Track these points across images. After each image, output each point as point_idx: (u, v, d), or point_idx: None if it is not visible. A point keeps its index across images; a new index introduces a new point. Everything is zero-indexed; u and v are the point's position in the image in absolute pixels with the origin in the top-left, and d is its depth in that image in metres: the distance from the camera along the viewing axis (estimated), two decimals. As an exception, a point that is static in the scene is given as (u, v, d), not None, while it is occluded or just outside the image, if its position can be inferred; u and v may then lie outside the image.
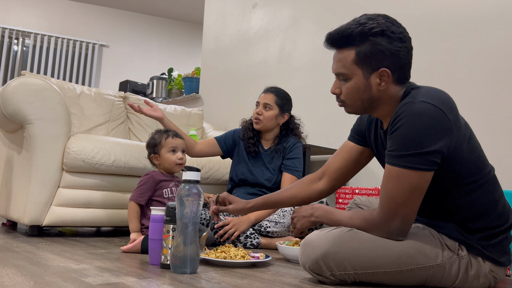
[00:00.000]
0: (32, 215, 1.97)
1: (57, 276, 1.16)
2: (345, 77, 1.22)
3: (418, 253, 1.17)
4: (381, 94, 1.21)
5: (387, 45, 1.16)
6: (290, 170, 2.19)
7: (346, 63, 1.20)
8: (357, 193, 2.22)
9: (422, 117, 1.10)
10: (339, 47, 1.23)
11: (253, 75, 3.59)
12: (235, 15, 3.89)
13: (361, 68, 1.19)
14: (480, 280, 1.20)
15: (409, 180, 1.12)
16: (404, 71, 1.20)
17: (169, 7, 6.53)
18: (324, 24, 3.06)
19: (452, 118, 1.13)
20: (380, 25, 1.18)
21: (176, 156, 1.86)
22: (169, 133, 1.90)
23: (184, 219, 1.28)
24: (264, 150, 2.27)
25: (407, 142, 1.11)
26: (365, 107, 1.24)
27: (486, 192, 1.21)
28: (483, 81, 2.20)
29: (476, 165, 1.21)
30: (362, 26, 1.18)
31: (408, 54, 1.20)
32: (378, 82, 1.19)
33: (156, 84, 4.81)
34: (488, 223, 1.20)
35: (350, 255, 1.16)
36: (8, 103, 1.97)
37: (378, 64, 1.18)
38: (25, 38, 6.08)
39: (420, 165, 1.11)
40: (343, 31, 1.20)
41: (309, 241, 1.21)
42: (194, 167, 1.34)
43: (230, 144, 2.30)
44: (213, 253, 1.51)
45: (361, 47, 1.18)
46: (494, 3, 2.20)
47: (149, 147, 1.92)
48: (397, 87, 1.22)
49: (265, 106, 2.19)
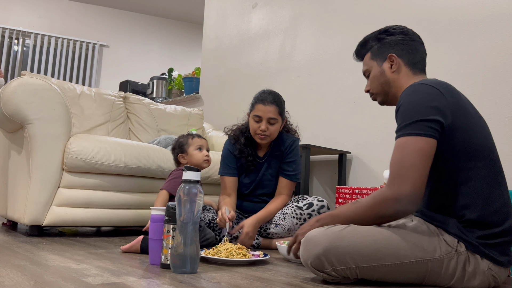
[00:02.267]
0: (32, 215, 1.97)
1: (57, 276, 1.16)
2: (368, 73, 1.48)
3: (416, 246, 1.19)
4: (395, 77, 1.41)
5: (391, 37, 1.42)
6: (288, 175, 2.10)
7: (366, 62, 1.48)
8: (357, 193, 2.22)
9: (419, 92, 1.25)
10: (362, 55, 1.51)
11: (253, 75, 3.59)
12: (235, 15, 3.89)
13: (375, 60, 1.45)
14: (478, 278, 1.21)
15: (414, 145, 1.19)
16: (412, 56, 1.40)
17: (169, 7, 6.53)
18: (324, 24, 3.06)
19: (450, 97, 1.24)
20: (385, 28, 1.46)
21: (203, 153, 2.00)
22: (194, 134, 2.06)
23: (184, 219, 1.28)
24: (260, 159, 2.16)
25: (408, 113, 1.23)
26: (386, 90, 1.43)
27: (488, 183, 1.23)
28: (483, 81, 2.20)
29: (480, 152, 1.24)
30: (373, 33, 1.48)
31: (414, 42, 1.41)
32: (389, 66, 1.41)
33: (156, 84, 4.81)
34: (486, 216, 1.21)
35: (351, 249, 1.17)
36: (8, 103, 1.97)
37: (386, 52, 1.42)
38: (25, 38, 6.08)
39: (422, 131, 1.19)
40: (360, 43, 1.51)
41: (309, 238, 1.22)
42: (194, 167, 1.34)
43: (235, 165, 2.15)
44: (214, 251, 1.53)
45: (374, 46, 1.46)
46: (494, 3, 2.20)
47: (176, 148, 2.06)
48: (409, 71, 1.40)
49: (269, 121, 2.01)
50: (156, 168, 2.29)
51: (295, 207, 2.03)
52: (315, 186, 3.01)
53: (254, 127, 2.04)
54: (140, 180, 2.29)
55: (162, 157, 2.34)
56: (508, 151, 2.07)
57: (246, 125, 2.16)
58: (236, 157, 2.14)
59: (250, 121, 2.08)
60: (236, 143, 2.13)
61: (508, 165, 2.05)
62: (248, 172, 2.16)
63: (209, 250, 1.57)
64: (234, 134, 2.17)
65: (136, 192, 2.28)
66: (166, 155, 2.37)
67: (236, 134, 2.16)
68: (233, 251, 1.52)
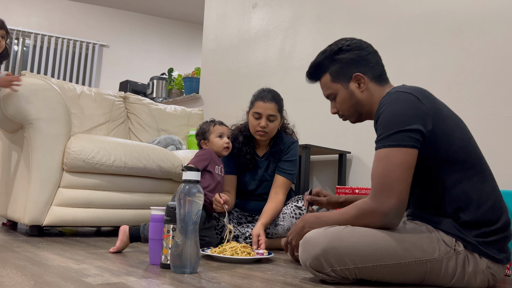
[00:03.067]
0: (32, 215, 1.97)
1: (57, 276, 1.16)
2: (333, 96, 1.43)
3: (415, 247, 1.19)
4: (366, 95, 1.38)
5: (349, 56, 1.38)
6: (285, 173, 2.09)
7: (328, 85, 1.43)
8: (357, 193, 2.22)
9: (399, 101, 1.23)
10: (317, 78, 1.46)
11: (253, 75, 3.59)
12: (235, 15, 3.89)
13: (339, 83, 1.40)
14: (478, 278, 1.21)
15: (396, 157, 1.19)
16: (374, 70, 1.38)
17: (169, 7, 6.53)
18: (324, 24, 3.06)
19: (428, 104, 1.24)
20: (337, 45, 1.41)
21: (223, 141, 2.03)
22: (216, 121, 2.08)
23: (184, 219, 1.28)
24: (260, 158, 2.17)
25: (388, 124, 1.22)
26: (358, 111, 1.41)
27: (477, 182, 1.24)
28: (483, 81, 2.20)
29: (464, 153, 1.24)
30: (324, 53, 1.43)
31: (371, 55, 1.39)
32: (357, 86, 1.38)
33: (156, 84, 4.81)
34: (481, 216, 1.21)
35: (349, 250, 1.17)
36: (8, 103, 1.97)
37: (349, 73, 1.38)
38: (25, 38, 6.08)
39: (403, 142, 1.19)
40: (313, 65, 1.45)
41: (308, 239, 1.22)
42: (194, 167, 1.34)
43: (233, 163, 2.17)
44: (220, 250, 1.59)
45: (331, 68, 1.41)
46: (494, 3, 2.20)
47: (199, 134, 2.09)
48: (376, 86, 1.38)
49: (268, 118, 2.04)
50: (156, 168, 2.29)
51: (295, 207, 2.03)
52: (315, 186, 3.01)
53: (254, 124, 2.06)
54: (140, 180, 2.29)
55: (162, 157, 2.34)
56: (508, 151, 2.07)
57: (245, 124, 2.18)
58: (234, 155, 2.15)
59: (250, 118, 2.09)
60: (234, 142, 2.15)
61: (508, 165, 2.05)
62: (248, 171, 2.17)
63: (215, 248, 1.63)
64: (233, 133, 2.18)
65: (136, 192, 2.28)
66: (166, 155, 2.37)
67: (235, 133, 2.18)
68: (238, 249, 1.57)
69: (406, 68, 2.54)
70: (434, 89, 2.37)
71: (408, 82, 2.48)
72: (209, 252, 1.60)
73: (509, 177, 2.03)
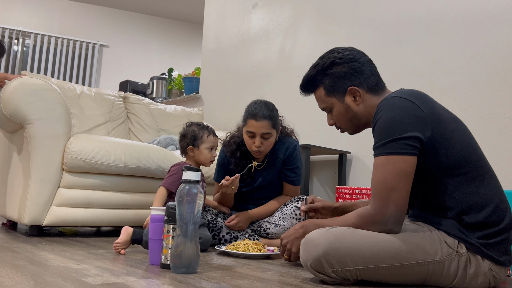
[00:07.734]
0: (32, 215, 1.97)
1: (57, 276, 1.16)
2: (329, 109, 1.43)
3: (417, 248, 1.19)
4: (362, 108, 1.37)
5: (342, 69, 1.36)
6: (292, 181, 2.12)
7: (322, 99, 1.42)
8: (357, 193, 2.22)
9: (394, 107, 1.22)
10: (311, 91, 1.46)
11: (253, 75, 3.59)
12: (235, 15, 3.89)
13: (334, 97, 1.39)
14: (479, 279, 1.21)
15: (394, 165, 1.18)
16: (369, 81, 1.36)
17: (169, 7, 6.53)
18: (324, 24, 3.06)
19: (426, 109, 1.22)
20: (329, 58, 1.39)
21: (212, 154, 1.97)
22: (209, 130, 1.97)
23: (184, 219, 1.28)
24: (257, 167, 2.12)
25: (386, 131, 1.21)
26: (356, 124, 1.41)
27: (480, 184, 1.23)
28: (483, 81, 2.20)
29: (465, 156, 1.23)
30: (316, 67, 1.41)
31: (365, 66, 1.36)
32: (353, 99, 1.37)
33: (156, 84, 4.81)
34: (485, 218, 1.21)
35: (351, 251, 1.17)
36: (8, 103, 1.97)
37: (343, 86, 1.37)
38: (25, 38, 6.08)
39: (401, 150, 1.18)
40: (306, 79, 1.45)
41: (309, 239, 1.22)
42: (194, 167, 1.34)
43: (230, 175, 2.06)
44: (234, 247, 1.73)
45: (324, 82, 1.39)
46: (494, 3, 2.20)
47: (188, 138, 1.93)
48: (373, 96, 1.37)
49: (263, 136, 1.96)
50: (156, 168, 2.29)
51: (295, 208, 2.03)
52: (315, 186, 3.01)
53: (249, 142, 2.00)
54: (140, 180, 2.29)
55: (162, 157, 2.34)
56: (508, 151, 2.07)
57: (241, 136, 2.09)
58: (232, 170, 2.09)
59: (244, 136, 2.02)
60: (232, 157, 2.10)
61: (509, 165, 2.05)
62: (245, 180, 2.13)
63: (229, 245, 1.78)
64: (231, 149, 2.11)
65: (136, 192, 2.28)
66: (166, 155, 2.37)
67: (232, 148, 2.11)
68: (249, 246, 1.72)
69: (406, 68, 2.54)
70: (434, 89, 2.37)
71: (408, 82, 2.48)
72: (225, 248, 1.73)
73: (509, 177, 2.03)
